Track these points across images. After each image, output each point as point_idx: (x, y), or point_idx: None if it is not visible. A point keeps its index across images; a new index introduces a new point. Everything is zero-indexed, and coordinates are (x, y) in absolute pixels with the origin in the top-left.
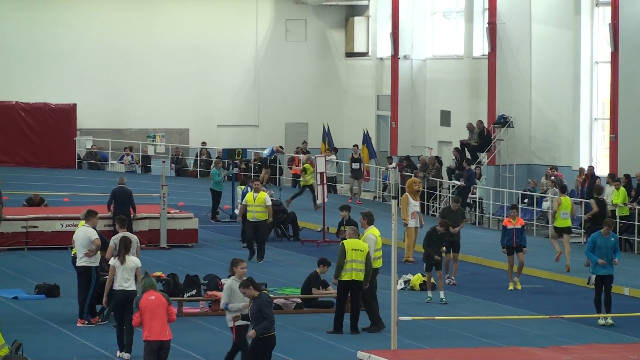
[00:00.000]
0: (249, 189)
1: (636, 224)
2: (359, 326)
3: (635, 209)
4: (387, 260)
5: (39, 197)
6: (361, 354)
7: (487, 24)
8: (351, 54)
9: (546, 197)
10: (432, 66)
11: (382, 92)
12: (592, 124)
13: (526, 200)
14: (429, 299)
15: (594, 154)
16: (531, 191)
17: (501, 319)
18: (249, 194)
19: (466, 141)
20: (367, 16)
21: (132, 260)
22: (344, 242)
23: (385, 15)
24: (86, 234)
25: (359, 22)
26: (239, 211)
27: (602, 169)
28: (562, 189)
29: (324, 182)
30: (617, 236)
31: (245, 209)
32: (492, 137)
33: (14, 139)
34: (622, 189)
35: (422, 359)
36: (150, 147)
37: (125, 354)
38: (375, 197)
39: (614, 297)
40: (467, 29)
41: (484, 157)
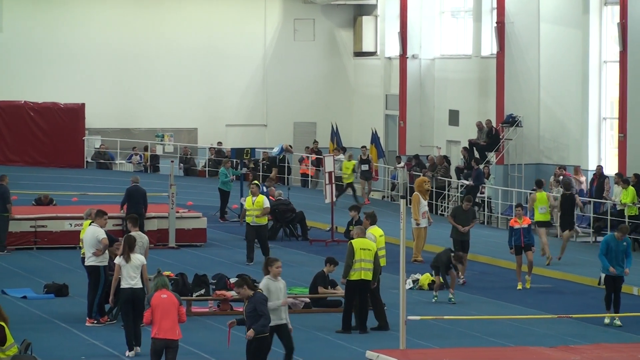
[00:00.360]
0: (265, 188)
1: None
2: (368, 325)
3: None
4: (396, 259)
5: (48, 198)
6: (370, 354)
7: (496, 23)
8: (359, 54)
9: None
10: (441, 65)
11: (390, 91)
12: (601, 123)
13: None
14: (435, 298)
15: (602, 154)
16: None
17: (510, 318)
18: (248, 197)
19: (475, 140)
20: (375, 15)
21: (137, 258)
22: (352, 241)
23: (393, 14)
24: (94, 234)
25: (367, 21)
26: (241, 215)
27: (611, 169)
28: (539, 185)
29: (332, 181)
30: (630, 241)
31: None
32: (500, 137)
33: (22, 139)
34: (630, 188)
35: (430, 359)
36: (158, 146)
37: (133, 351)
38: (383, 197)
39: (623, 297)
40: (475, 29)
41: (492, 156)
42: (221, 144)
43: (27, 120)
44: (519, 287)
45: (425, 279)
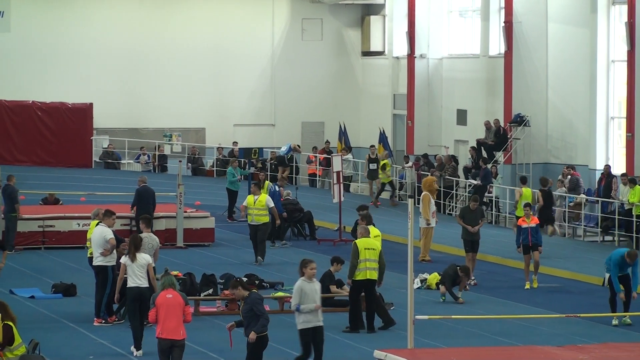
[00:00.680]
0: (277, 187)
1: None
2: (375, 325)
3: None
4: (404, 259)
5: (54, 197)
6: (378, 353)
7: (503, 22)
8: (367, 53)
9: (565, 195)
10: (449, 65)
11: (398, 91)
12: (609, 123)
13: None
14: (442, 298)
15: (610, 153)
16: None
17: (518, 318)
18: (250, 196)
19: (482, 140)
20: (383, 15)
21: (143, 257)
22: (356, 241)
23: (401, 14)
24: (102, 234)
25: (375, 21)
26: (241, 212)
27: (618, 168)
28: (523, 181)
29: (340, 181)
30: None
31: (246, 211)
32: (508, 136)
33: (30, 139)
34: (637, 187)
35: (439, 358)
36: (166, 146)
37: (138, 352)
38: (391, 196)
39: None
40: (483, 28)
41: (500, 156)
42: (237, 143)
43: (35, 120)
44: (527, 286)
45: (433, 278)
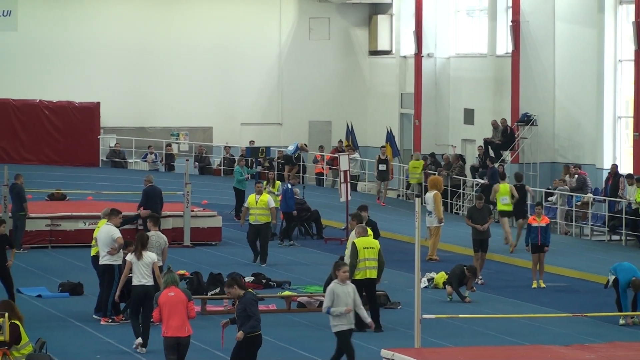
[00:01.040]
0: (289, 186)
1: None
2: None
3: None
4: (411, 258)
5: (60, 194)
6: (385, 352)
7: (511, 22)
8: (375, 52)
9: (572, 195)
10: (456, 64)
11: (405, 90)
12: (616, 122)
13: (550, 198)
14: (449, 298)
15: (617, 152)
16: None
17: (525, 317)
18: (251, 196)
19: (489, 139)
20: (390, 14)
21: (149, 255)
22: (355, 241)
23: (408, 13)
24: (109, 233)
25: (382, 20)
26: (242, 213)
27: (626, 167)
28: (502, 177)
29: (348, 180)
30: None
31: (247, 212)
32: (515, 136)
33: (38, 138)
34: None
35: (445, 357)
36: (173, 145)
37: (142, 348)
38: (398, 196)
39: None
40: (490, 27)
41: (507, 155)
42: (253, 142)
43: (42, 119)
44: (534, 285)
45: (440, 277)
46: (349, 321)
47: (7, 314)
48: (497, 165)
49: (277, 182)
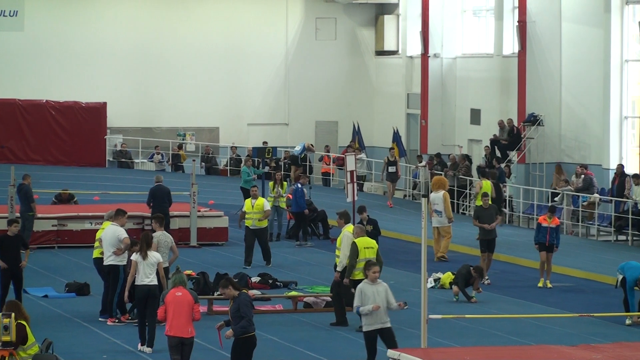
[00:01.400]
0: (299, 186)
1: None
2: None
3: None
4: (417, 258)
5: (67, 194)
6: (391, 352)
7: (517, 22)
8: (381, 53)
9: (578, 195)
10: (462, 64)
11: (412, 90)
12: (622, 122)
13: (556, 198)
14: (456, 297)
15: (624, 152)
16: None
17: (531, 317)
18: (247, 200)
19: (496, 138)
20: (397, 14)
21: (154, 255)
22: (356, 241)
23: (415, 13)
24: (115, 233)
25: (389, 20)
26: (239, 218)
27: (632, 167)
28: (483, 174)
29: (354, 180)
30: None
31: (244, 216)
32: (522, 136)
33: (44, 138)
34: None
35: (452, 358)
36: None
37: (147, 348)
38: (405, 196)
39: None
40: (497, 27)
41: (514, 155)
42: (266, 143)
43: (49, 119)
44: (540, 284)
45: (446, 277)
46: (376, 321)
47: (13, 314)
48: (503, 165)
49: (284, 182)
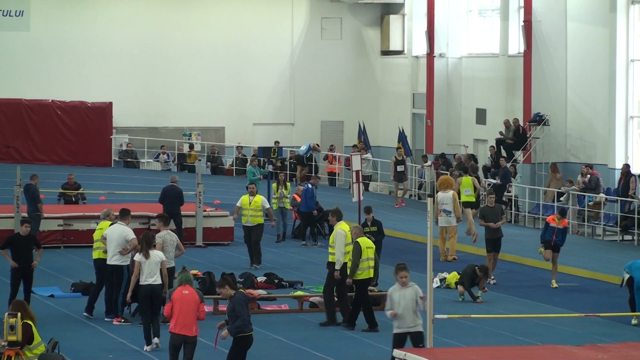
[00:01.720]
0: (309, 186)
1: None
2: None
3: None
4: (423, 258)
5: (73, 180)
6: (397, 352)
7: (523, 22)
8: (387, 52)
9: (583, 195)
10: (468, 64)
11: (417, 90)
12: (628, 122)
13: (562, 198)
14: (462, 297)
15: (629, 152)
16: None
17: (537, 317)
18: (244, 196)
19: (502, 137)
20: (402, 14)
21: (157, 254)
22: (358, 241)
23: (420, 13)
24: (122, 233)
25: (394, 20)
26: (234, 212)
27: (638, 167)
28: (465, 170)
29: (360, 180)
30: None
31: (240, 212)
32: (527, 135)
33: (50, 137)
34: None
35: (458, 357)
36: (186, 145)
37: (154, 338)
38: (410, 196)
39: None
40: (502, 27)
41: (519, 155)
42: (278, 142)
43: (55, 118)
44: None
45: (452, 277)
46: (403, 325)
47: (19, 314)
48: (509, 165)
49: (288, 183)
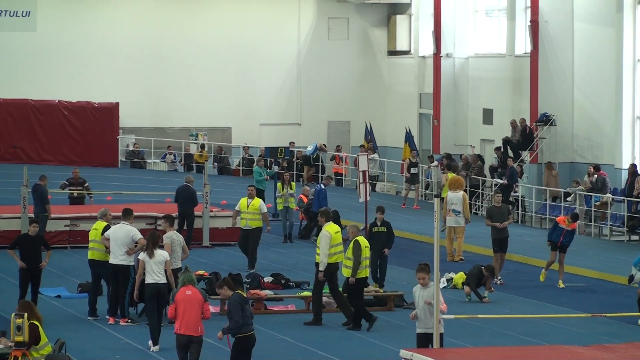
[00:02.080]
0: (322, 187)
1: None
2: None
3: None
4: (430, 259)
5: (78, 175)
6: (404, 353)
7: (529, 22)
8: (393, 52)
9: (590, 195)
10: (475, 64)
11: (424, 90)
12: (635, 122)
13: (569, 198)
14: (468, 298)
15: (636, 152)
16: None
17: (543, 317)
18: (242, 199)
19: (508, 138)
20: (409, 14)
21: (161, 254)
22: (359, 239)
23: (427, 13)
24: (129, 233)
25: (401, 20)
26: (232, 216)
27: None
28: (449, 167)
29: (367, 180)
30: None
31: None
32: (534, 135)
33: (57, 138)
34: None
35: (465, 358)
36: (192, 145)
37: (154, 347)
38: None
39: None
40: (509, 27)
41: (526, 155)
42: (293, 143)
43: (61, 119)
44: (542, 278)
45: (459, 278)
46: (420, 325)
47: (26, 315)
48: (515, 165)
49: (293, 183)
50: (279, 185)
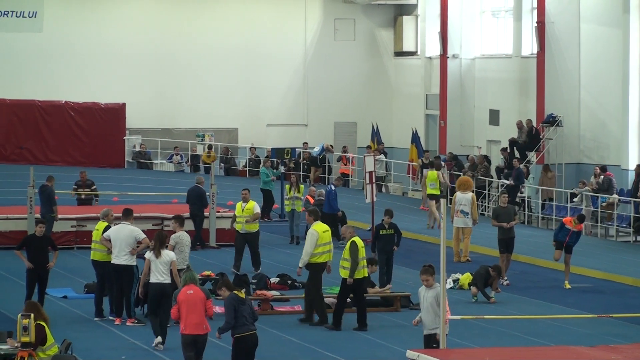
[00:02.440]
0: (332, 187)
1: None
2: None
3: None
4: (436, 259)
5: (86, 177)
6: (410, 353)
7: (536, 23)
8: (400, 53)
9: (597, 195)
10: (481, 65)
11: (431, 91)
12: None
13: (575, 199)
14: (475, 299)
15: None
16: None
17: (550, 318)
18: (238, 203)
19: (515, 139)
20: (416, 15)
21: (167, 254)
22: (355, 240)
23: (434, 14)
24: (131, 233)
25: (407, 21)
26: (231, 220)
27: None
28: (431, 165)
29: (373, 181)
30: None
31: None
32: (541, 136)
33: (63, 139)
34: None
35: (471, 358)
36: (199, 146)
37: (160, 345)
38: (422, 197)
39: None
40: (515, 28)
41: (532, 156)
42: (307, 144)
43: (68, 120)
44: (567, 285)
45: (465, 278)
46: (425, 327)
47: (32, 315)
48: (522, 166)
49: (301, 185)
50: (287, 187)
